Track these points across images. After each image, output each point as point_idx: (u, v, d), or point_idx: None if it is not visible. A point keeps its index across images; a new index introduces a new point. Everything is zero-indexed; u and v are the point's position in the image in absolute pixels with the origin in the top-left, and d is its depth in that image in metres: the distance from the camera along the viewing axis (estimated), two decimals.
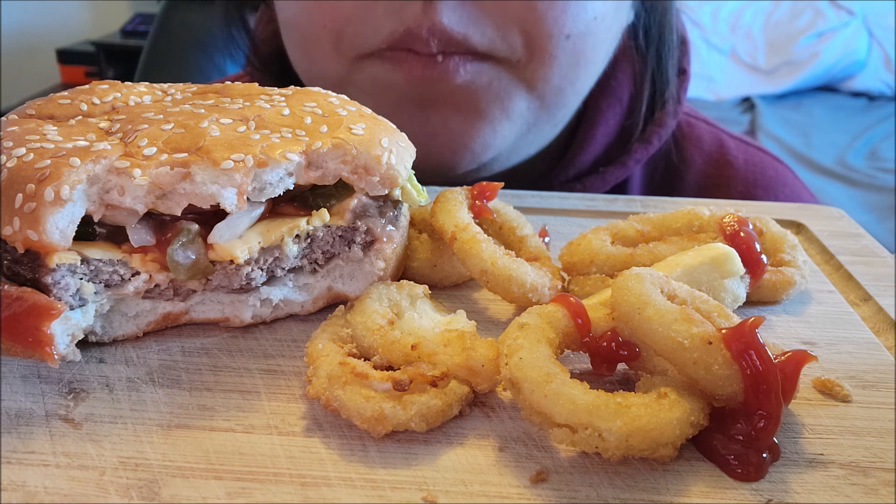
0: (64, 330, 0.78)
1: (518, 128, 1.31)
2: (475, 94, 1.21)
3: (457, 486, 0.68)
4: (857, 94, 5.89)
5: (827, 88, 5.95)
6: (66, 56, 5.62)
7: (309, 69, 1.33)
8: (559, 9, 1.16)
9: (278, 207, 0.89)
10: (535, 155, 1.44)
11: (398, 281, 0.91)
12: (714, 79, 5.81)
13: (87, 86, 0.94)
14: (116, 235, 0.82)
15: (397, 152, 0.89)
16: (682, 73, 1.55)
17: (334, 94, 0.97)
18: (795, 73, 5.83)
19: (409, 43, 1.15)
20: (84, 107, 0.89)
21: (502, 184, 1.02)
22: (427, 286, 0.90)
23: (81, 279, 0.79)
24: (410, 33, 1.14)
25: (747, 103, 5.75)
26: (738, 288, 0.90)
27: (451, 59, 1.15)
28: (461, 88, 1.20)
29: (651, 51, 1.49)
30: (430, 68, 1.16)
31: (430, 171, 1.18)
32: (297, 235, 0.88)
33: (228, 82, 0.98)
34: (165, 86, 0.97)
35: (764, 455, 0.70)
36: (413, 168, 0.95)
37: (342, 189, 0.90)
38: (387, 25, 1.15)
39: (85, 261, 0.79)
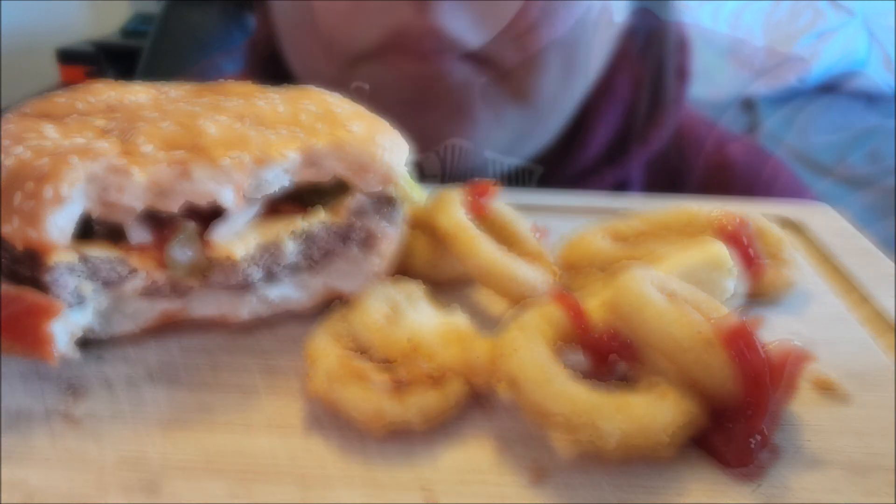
0: (63, 329, 0.78)
1: (510, 136, 1.32)
2: (468, 99, 1.22)
3: (457, 486, 0.67)
4: (857, 94, 5.89)
5: (827, 88, 5.95)
6: (66, 56, 5.60)
7: (304, 70, 1.34)
8: (550, 18, 1.16)
9: (276, 206, 0.89)
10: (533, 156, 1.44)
11: (396, 279, 0.91)
12: (714, 79, 5.81)
13: (84, 85, 0.94)
14: (115, 234, 0.82)
15: (394, 150, 0.89)
16: (682, 73, 1.55)
17: (331, 93, 0.97)
18: (795, 73, 5.83)
19: (400, 44, 1.15)
20: (82, 106, 0.89)
21: (501, 183, 1.02)
22: (426, 285, 0.90)
23: (80, 277, 0.79)
24: (401, 34, 1.13)
25: (747, 103, 5.75)
26: (738, 287, 0.90)
27: (442, 58, 1.15)
28: (453, 90, 1.20)
29: (651, 52, 1.49)
30: (423, 65, 1.16)
31: (426, 173, 1.18)
32: (295, 233, 0.88)
33: (226, 81, 0.98)
34: (163, 85, 0.97)
35: (753, 440, 0.70)
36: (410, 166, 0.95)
37: (339, 187, 0.90)
38: (376, 27, 1.15)
39: (83, 259, 0.79)
